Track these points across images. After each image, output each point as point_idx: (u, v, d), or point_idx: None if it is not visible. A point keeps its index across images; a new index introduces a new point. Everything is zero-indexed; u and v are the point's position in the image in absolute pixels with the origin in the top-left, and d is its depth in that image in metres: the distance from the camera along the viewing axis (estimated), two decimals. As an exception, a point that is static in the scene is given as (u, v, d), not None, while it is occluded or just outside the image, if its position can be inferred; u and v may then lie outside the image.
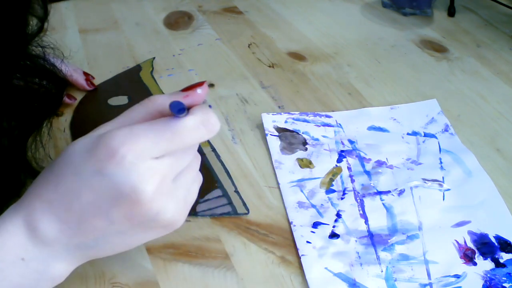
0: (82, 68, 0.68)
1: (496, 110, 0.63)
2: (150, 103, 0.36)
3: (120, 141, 0.33)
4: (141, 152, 0.33)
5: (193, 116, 0.35)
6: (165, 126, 0.34)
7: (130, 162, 0.32)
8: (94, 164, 0.33)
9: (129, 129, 0.33)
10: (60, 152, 0.56)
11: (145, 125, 0.34)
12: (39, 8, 0.40)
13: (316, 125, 0.60)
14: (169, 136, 0.34)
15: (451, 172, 0.53)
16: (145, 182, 0.33)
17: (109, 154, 0.32)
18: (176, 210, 0.35)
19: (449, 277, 0.43)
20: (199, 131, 0.35)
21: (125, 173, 0.32)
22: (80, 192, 0.33)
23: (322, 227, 0.48)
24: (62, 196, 0.34)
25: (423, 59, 0.73)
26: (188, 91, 0.36)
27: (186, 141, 0.35)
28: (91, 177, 0.33)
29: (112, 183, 0.32)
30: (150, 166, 0.33)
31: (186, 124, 0.34)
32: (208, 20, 0.83)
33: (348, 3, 0.88)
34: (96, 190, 0.33)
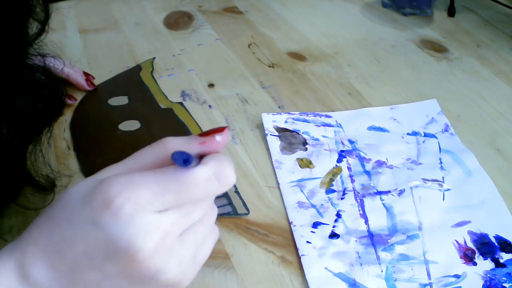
0: (82, 68, 0.68)
1: (496, 110, 0.63)
2: (162, 146, 0.32)
3: (118, 190, 0.29)
4: (140, 204, 0.29)
5: (204, 166, 0.31)
6: (171, 176, 0.30)
7: (127, 214, 0.29)
8: (89, 213, 0.30)
9: (130, 177, 0.30)
10: (60, 155, 0.56)
11: (148, 174, 0.30)
12: (40, 11, 0.39)
13: (316, 125, 0.60)
14: (175, 188, 0.30)
15: (451, 172, 0.53)
16: (143, 238, 0.29)
17: (105, 204, 0.29)
18: (179, 270, 0.31)
19: (449, 277, 0.43)
20: (210, 184, 0.31)
21: (121, 226, 0.29)
22: (74, 241, 0.30)
23: (322, 227, 0.48)
24: (55, 244, 0.31)
25: (423, 59, 0.73)
26: (206, 136, 0.32)
27: (195, 195, 0.31)
28: (85, 227, 0.30)
29: (106, 236, 0.29)
30: (150, 221, 0.29)
31: (195, 176, 0.30)
32: (208, 20, 0.83)
33: (348, 3, 0.88)
34: (89, 241, 0.30)
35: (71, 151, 0.57)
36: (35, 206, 0.48)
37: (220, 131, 0.32)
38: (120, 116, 0.62)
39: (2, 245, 0.46)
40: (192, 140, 0.32)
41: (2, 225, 0.48)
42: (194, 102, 0.64)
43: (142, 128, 0.60)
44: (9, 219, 0.49)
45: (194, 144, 0.32)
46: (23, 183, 0.45)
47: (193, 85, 0.68)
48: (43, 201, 0.48)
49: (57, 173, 0.50)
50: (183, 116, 0.62)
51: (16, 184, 0.45)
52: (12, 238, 0.47)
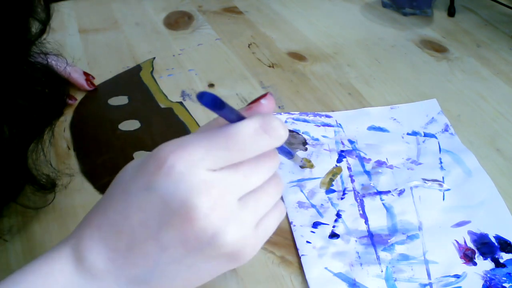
0: (82, 68, 0.68)
1: (496, 110, 0.63)
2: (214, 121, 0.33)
3: (169, 150, 0.29)
4: (193, 162, 0.29)
5: (249, 120, 0.30)
6: (219, 132, 0.30)
7: (180, 173, 0.28)
8: (142, 179, 0.29)
9: (179, 139, 0.30)
10: (60, 154, 0.56)
11: (197, 134, 0.30)
12: (41, 11, 0.39)
13: (316, 125, 0.60)
14: (224, 142, 0.29)
15: (451, 172, 0.53)
16: (197, 196, 0.28)
17: (157, 166, 0.29)
18: (240, 235, 0.30)
19: (449, 277, 0.43)
20: (260, 137, 0.30)
21: (175, 185, 0.28)
22: (129, 212, 0.30)
23: (322, 227, 0.48)
24: (111, 219, 0.30)
25: (423, 59, 0.73)
26: (252, 104, 0.32)
27: (246, 149, 0.30)
28: (139, 194, 0.29)
29: (160, 198, 0.29)
30: (204, 178, 0.29)
31: (242, 128, 0.30)
32: (208, 20, 0.83)
33: (348, 3, 0.88)
34: (144, 207, 0.29)
35: (71, 151, 0.57)
36: (35, 206, 0.48)
37: (264, 96, 0.32)
38: (120, 116, 0.62)
39: (2, 245, 0.46)
40: (241, 110, 0.32)
41: (2, 225, 0.48)
42: (194, 102, 0.64)
43: (142, 128, 0.60)
44: (9, 219, 0.49)
45: (243, 110, 0.32)
46: (24, 182, 0.45)
47: (193, 85, 0.68)
48: (44, 201, 0.49)
49: (58, 172, 0.50)
50: (183, 116, 0.62)
51: (17, 183, 0.45)
52: (12, 238, 0.47)
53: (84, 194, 0.52)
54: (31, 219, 0.49)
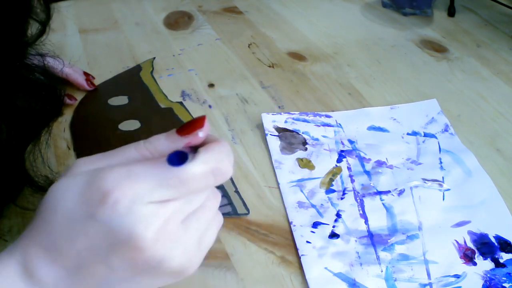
0: (82, 68, 0.68)
1: (496, 110, 0.63)
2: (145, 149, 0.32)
3: (114, 184, 0.29)
4: (138, 197, 0.29)
5: (203, 164, 0.30)
6: (169, 172, 0.30)
7: (125, 207, 0.29)
8: (86, 208, 0.29)
9: (126, 169, 0.30)
10: (60, 155, 0.56)
11: (145, 167, 0.30)
12: (41, 12, 0.39)
13: (316, 125, 0.60)
14: (173, 183, 0.30)
15: (451, 172, 0.53)
16: (143, 227, 0.29)
17: (101, 198, 0.29)
18: (184, 257, 0.31)
19: (449, 277, 0.43)
20: (208, 179, 0.31)
21: (120, 219, 0.29)
22: (75, 237, 0.30)
23: (322, 227, 0.48)
24: (56, 243, 0.30)
25: (423, 59, 0.73)
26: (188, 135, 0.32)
27: (192, 189, 0.31)
28: (84, 222, 0.30)
29: (107, 229, 0.29)
30: (149, 211, 0.29)
31: (194, 172, 0.30)
32: (208, 20, 0.83)
33: (348, 3, 0.88)
34: (90, 235, 0.30)
35: (71, 151, 0.57)
36: (34, 207, 0.48)
37: (200, 126, 0.32)
38: (120, 116, 0.62)
39: (2, 245, 0.46)
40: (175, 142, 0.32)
41: (2, 225, 0.48)
42: (194, 102, 0.64)
43: (142, 128, 0.60)
44: (9, 220, 0.49)
45: (179, 143, 0.32)
46: (22, 184, 0.45)
47: (193, 85, 0.68)
48: None
49: (57, 174, 0.50)
50: (183, 116, 0.62)
51: (15, 184, 0.45)
52: (12, 238, 0.47)
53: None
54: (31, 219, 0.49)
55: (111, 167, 0.30)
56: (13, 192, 0.45)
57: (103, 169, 0.30)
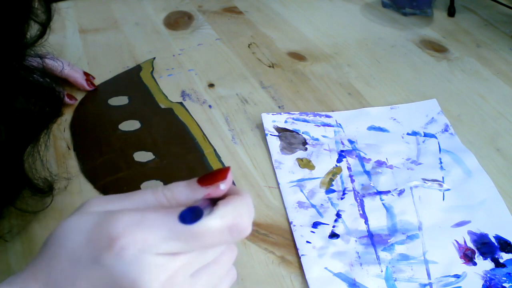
0: (82, 68, 0.68)
1: (496, 110, 0.63)
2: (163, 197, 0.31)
3: (123, 230, 0.28)
4: (146, 246, 0.28)
5: (221, 219, 0.29)
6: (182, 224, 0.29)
7: (132, 255, 0.28)
8: (92, 251, 0.29)
9: (138, 216, 0.29)
10: (60, 155, 0.56)
11: (157, 216, 0.29)
12: (41, 13, 0.39)
13: (316, 125, 0.60)
14: (185, 237, 0.28)
15: (451, 172, 0.53)
16: (149, 278, 0.28)
17: (109, 243, 0.28)
18: None
19: (449, 277, 0.43)
20: (223, 236, 0.29)
21: (125, 266, 0.28)
22: (77, 280, 0.29)
23: (322, 227, 0.48)
24: (58, 282, 0.30)
25: (423, 59, 0.73)
26: (210, 185, 0.30)
27: (205, 245, 0.29)
28: (87, 266, 0.29)
29: (110, 275, 0.28)
30: (157, 262, 0.28)
31: (210, 227, 0.29)
32: (208, 20, 0.83)
33: (348, 3, 0.88)
34: (93, 281, 0.29)
35: (71, 151, 0.57)
36: (33, 209, 0.48)
37: (223, 178, 0.30)
38: (120, 116, 0.62)
39: (2, 245, 0.46)
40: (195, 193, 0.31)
41: (2, 226, 0.48)
42: (194, 102, 0.64)
43: (142, 128, 0.60)
44: (9, 220, 0.49)
45: (198, 193, 0.31)
46: (21, 186, 0.45)
47: (193, 85, 0.68)
48: (42, 204, 0.48)
49: (56, 176, 0.50)
50: (183, 116, 0.62)
51: (14, 186, 0.45)
52: (12, 238, 0.47)
53: (84, 194, 0.52)
54: (31, 219, 0.49)
55: (123, 212, 0.29)
56: (12, 194, 0.45)
57: (114, 213, 0.29)
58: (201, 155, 0.56)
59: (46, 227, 0.48)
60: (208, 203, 0.30)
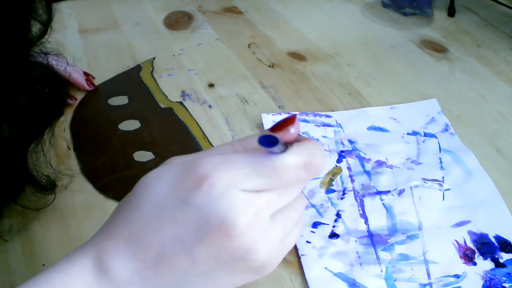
0: (82, 68, 0.68)
1: (496, 110, 0.63)
2: (240, 146, 0.33)
3: (211, 168, 0.29)
4: (233, 183, 0.29)
5: (296, 155, 0.31)
6: (264, 160, 0.30)
7: (219, 192, 0.29)
8: (180, 193, 0.30)
9: (223, 157, 0.30)
10: (60, 154, 0.56)
11: (241, 155, 0.31)
12: (42, 12, 0.39)
13: (316, 125, 0.60)
14: (266, 172, 0.30)
15: (451, 172, 0.53)
16: (237, 213, 0.29)
17: (197, 182, 0.29)
18: (269, 251, 0.31)
19: (449, 277, 0.43)
20: (300, 172, 0.31)
21: (214, 203, 0.29)
22: (162, 225, 0.30)
23: (322, 227, 0.48)
24: (139, 233, 0.30)
25: (423, 59, 0.73)
26: (279, 131, 0.31)
27: (283, 181, 0.31)
28: (175, 208, 0.29)
29: (198, 214, 0.29)
30: (243, 198, 0.29)
31: (287, 163, 0.30)
32: (208, 20, 0.83)
33: (348, 3, 0.88)
34: (180, 222, 0.29)
35: (71, 151, 0.57)
36: (35, 206, 0.48)
37: (292, 122, 0.31)
38: (120, 116, 0.62)
39: (2, 245, 0.46)
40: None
41: (2, 225, 0.48)
42: (194, 102, 0.64)
43: (142, 128, 0.60)
44: (9, 219, 0.49)
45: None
46: (24, 183, 0.45)
47: (193, 85, 0.68)
48: (44, 201, 0.49)
49: (58, 173, 0.50)
50: (183, 116, 0.62)
51: (17, 183, 0.45)
52: (12, 238, 0.47)
53: (84, 194, 0.52)
54: (31, 219, 0.49)
55: (209, 154, 0.31)
56: (15, 190, 0.45)
57: (200, 156, 0.31)
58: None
59: (46, 227, 0.48)
60: (283, 145, 0.31)
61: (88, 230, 0.48)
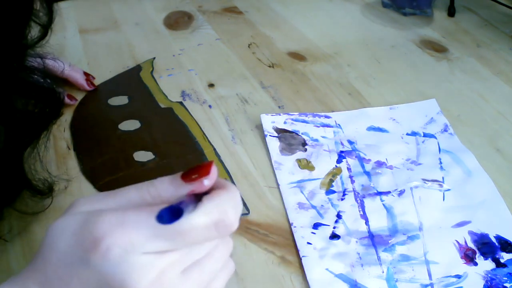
0: (82, 68, 0.68)
1: (496, 110, 0.63)
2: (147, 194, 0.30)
3: (106, 230, 0.28)
4: (132, 246, 0.28)
5: (205, 215, 0.28)
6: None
7: (117, 255, 0.28)
8: (79, 252, 0.28)
9: (120, 216, 0.28)
10: (60, 155, 0.56)
11: (140, 215, 0.28)
12: (43, 15, 0.39)
13: (315, 126, 0.59)
14: (170, 235, 0.28)
15: (451, 172, 0.53)
16: (137, 277, 0.27)
17: (94, 243, 0.28)
18: None
19: (450, 277, 0.43)
20: (209, 232, 0.29)
21: (113, 266, 0.28)
22: (71, 280, 0.29)
23: (322, 228, 0.48)
24: (53, 282, 0.29)
25: (423, 59, 0.73)
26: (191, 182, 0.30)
27: (190, 242, 0.29)
28: (79, 265, 0.29)
29: (99, 276, 0.28)
30: (144, 261, 0.28)
31: (193, 224, 0.28)
32: (208, 20, 0.83)
33: (348, 3, 0.88)
34: (83, 281, 0.28)
35: (71, 151, 0.57)
36: (32, 211, 0.48)
37: (206, 173, 0.30)
38: (120, 116, 0.62)
39: (2, 245, 0.46)
40: (179, 190, 0.30)
41: (2, 226, 0.48)
42: (194, 102, 0.64)
43: (142, 127, 0.60)
44: (9, 220, 0.49)
45: (183, 190, 0.30)
46: (21, 187, 0.45)
47: (193, 85, 0.68)
48: (41, 205, 0.48)
49: (55, 177, 0.50)
50: (183, 116, 0.62)
51: (13, 188, 0.44)
52: (12, 238, 0.47)
53: (84, 194, 0.52)
54: (31, 219, 0.49)
55: (105, 212, 0.29)
56: (11, 195, 0.45)
57: (97, 213, 0.29)
58: (201, 154, 0.56)
59: (46, 227, 0.48)
60: (192, 199, 0.29)
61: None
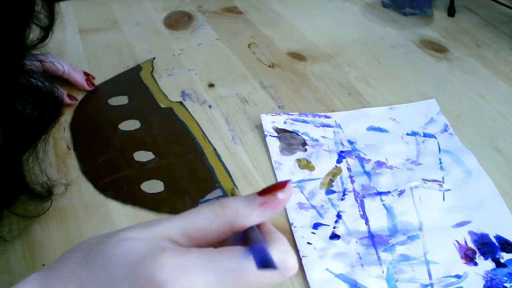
0: (82, 68, 0.68)
1: (496, 110, 0.63)
2: (221, 210, 0.30)
3: (170, 276, 0.26)
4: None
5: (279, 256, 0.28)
6: (230, 265, 0.27)
7: None
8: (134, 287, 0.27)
9: (185, 260, 0.27)
10: (60, 155, 0.56)
11: (204, 258, 0.27)
12: (44, 17, 0.39)
13: (315, 126, 0.59)
14: (233, 279, 0.27)
15: (451, 172, 0.53)
16: None
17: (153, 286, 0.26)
18: None
19: (450, 277, 0.43)
20: (271, 276, 0.28)
21: None
22: None
23: (322, 228, 0.48)
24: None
25: (423, 59, 0.73)
26: (267, 195, 0.29)
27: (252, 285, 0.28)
28: None
29: None
30: None
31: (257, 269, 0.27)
32: (208, 20, 0.83)
33: (348, 3, 0.88)
34: None
35: (71, 151, 0.57)
36: (31, 214, 0.48)
37: (282, 187, 0.29)
38: (120, 116, 0.62)
39: (2, 245, 0.46)
40: (252, 201, 0.30)
41: (3, 225, 0.48)
42: (194, 102, 0.64)
43: (142, 127, 0.60)
44: (10, 219, 0.48)
45: (254, 205, 0.30)
46: (19, 191, 0.45)
47: (193, 85, 0.68)
48: (41, 208, 0.48)
49: (54, 181, 0.50)
50: (183, 116, 0.62)
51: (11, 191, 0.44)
52: (12, 238, 0.47)
53: (84, 194, 0.52)
54: (31, 219, 0.49)
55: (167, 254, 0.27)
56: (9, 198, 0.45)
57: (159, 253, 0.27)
58: (201, 154, 0.56)
59: (46, 227, 0.48)
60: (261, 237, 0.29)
61: (88, 229, 0.48)
